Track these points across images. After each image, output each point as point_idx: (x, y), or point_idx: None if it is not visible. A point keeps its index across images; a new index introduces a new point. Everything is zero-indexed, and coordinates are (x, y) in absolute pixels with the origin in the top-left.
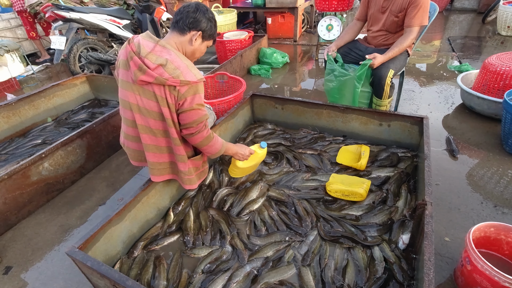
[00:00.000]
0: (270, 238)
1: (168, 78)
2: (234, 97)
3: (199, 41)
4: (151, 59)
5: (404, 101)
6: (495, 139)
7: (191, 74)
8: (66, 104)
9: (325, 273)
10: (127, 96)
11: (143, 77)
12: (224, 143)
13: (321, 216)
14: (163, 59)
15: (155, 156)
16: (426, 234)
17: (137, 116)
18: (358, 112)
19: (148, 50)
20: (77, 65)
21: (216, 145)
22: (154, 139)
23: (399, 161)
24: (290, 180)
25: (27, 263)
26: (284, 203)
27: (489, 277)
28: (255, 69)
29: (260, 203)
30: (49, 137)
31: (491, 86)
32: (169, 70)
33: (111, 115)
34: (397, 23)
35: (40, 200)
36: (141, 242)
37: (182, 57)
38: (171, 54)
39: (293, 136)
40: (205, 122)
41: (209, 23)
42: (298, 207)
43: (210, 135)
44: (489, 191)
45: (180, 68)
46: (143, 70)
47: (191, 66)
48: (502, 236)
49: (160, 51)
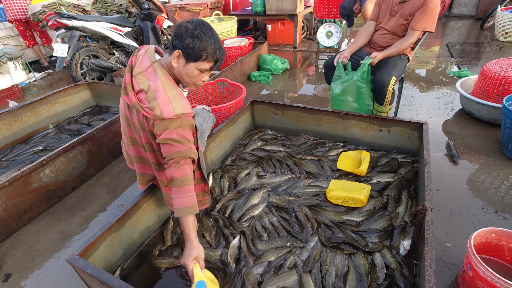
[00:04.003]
0: (271, 244)
1: (145, 107)
2: (235, 103)
3: (182, 61)
4: (139, 81)
5: (403, 107)
6: (495, 144)
7: (168, 109)
8: (67, 111)
9: (326, 280)
10: (122, 106)
11: (125, 98)
12: (187, 211)
13: (322, 222)
14: (147, 84)
15: (142, 167)
16: (427, 240)
17: (128, 129)
18: (358, 118)
19: (142, 69)
20: (78, 72)
21: (177, 199)
22: (141, 152)
23: (399, 166)
24: (291, 186)
25: (27, 271)
26: (284, 209)
27: (491, 283)
28: (255, 75)
29: (261, 209)
30: (51, 143)
31: (490, 92)
32: (149, 98)
33: (112, 122)
34: (405, 26)
35: (41, 207)
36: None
37: (168, 86)
38: (157, 82)
39: (293, 142)
40: (177, 160)
41: (194, 41)
42: (299, 213)
43: (176, 180)
44: (490, 196)
45: (159, 99)
46: (127, 90)
47: (173, 98)
48: (503, 242)
49: (150, 74)
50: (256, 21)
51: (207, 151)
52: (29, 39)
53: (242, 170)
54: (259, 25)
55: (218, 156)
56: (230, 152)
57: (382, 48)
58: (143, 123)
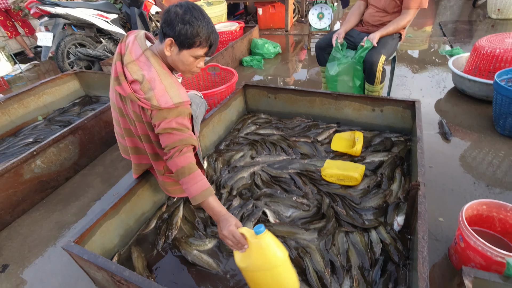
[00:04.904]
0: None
1: (141, 98)
2: (227, 87)
3: (174, 50)
4: (131, 70)
5: (396, 87)
6: (487, 121)
7: (166, 98)
8: (56, 102)
9: (331, 256)
10: (113, 97)
11: (118, 88)
12: (206, 194)
13: (322, 190)
14: (141, 74)
15: (138, 158)
16: (420, 214)
17: (121, 119)
18: (351, 99)
19: (133, 57)
20: (66, 62)
21: (191, 186)
22: (137, 143)
23: (392, 145)
24: (286, 165)
25: (24, 261)
26: (280, 179)
27: (482, 252)
28: (247, 60)
29: (251, 171)
30: (41, 135)
31: (482, 69)
32: (144, 89)
33: (103, 111)
34: (396, 2)
35: (35, 198)
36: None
37: (164, 74)
38: (151, 71)
39: (287, 125)
40: (179, 148)
41: (185, 27)
42: (297, 178)
43: (183, 169)
44: (481, 171)
45: (155, 89)
46: (119, 80)
47: (170, 87)
48: (494, 213)
49: (143, 62)
50: (247, 5)
51: (201, 136)
52: (11, 29)
53: (237, 152)
54: (249, 9)
55: (212, 141)
56: (224, 137)
57: (374, 27)
58: (139, 114)
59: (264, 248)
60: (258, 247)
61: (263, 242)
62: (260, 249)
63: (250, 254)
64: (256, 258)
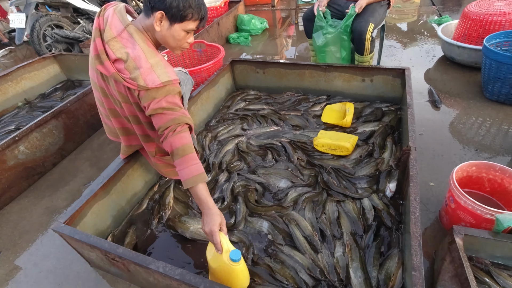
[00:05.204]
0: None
1: (126, 78)
2: (213, 63)
3: (165, 24)
4: (114, 48)
5: (386, 58)
6: (476, 87)
7: (153, 77)
8: (36, 87)
9: (320, 224)
10: (94, 76)
11: (100, 67)
12: (197, 180)
13: (314, 163)
14: (125, 52)
15: (128, 139)
16: (412, 177)
17: (105, 100)
18: (341, 70)
19: (114, 34)
20: (43, 45)
21: (183, 169)
22: (125, 124)
23: (383, 115)
24: (277, 135)
25: (16, 247)
26: (271, 147)
27: (472, 211)
28: (233, 37)
29: (236, 142)
30: (23, 122)
31: (471, 35)
32: (129, 68)
33: (86, 93)
34: None
35: (21, 184)
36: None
37: (150, 53)
38: (135, 49)
39: (277, 100)
40: (172, 128)
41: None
42: (286, 144)
43: (177, 150)
44: (470, 137)
45: (141, 68)
46: (101, 59)
47: (156, 65)
48: (483, 174)
49: (126, 39)
50: None
51: (189, 114)
52: None
53: (227, 127)
54: None
55: (202, 119)
56: (214, 115)
57: None
58: (125, 95)
59: (232, 271)
60: (227, 267)
61: (233, 268)
62: (227, 269)
63: (219, 262)
64: (222, 270)
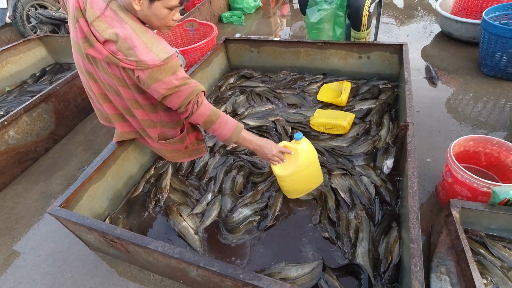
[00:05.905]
0: None
1: (122, 58)
2: (206, 43)
3: (145, 3)
4: (99, 29)
5: (382, 35)
6: (473, 63)
7: (151, 55)
8: (23, 71)
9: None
10: (79, 59)
11: (90, 51)
12: (239, 130)
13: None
14: (113, 32)
15: (122, 125)
16: (409, 152)
17: (93, 85)
18: (337, 47)
19: (97, 13)
20: (27, 27)
21: (223, 129)
22: (117, 110)
23: (380, 92)
24: (274, 111)
25: (12, 232)
26: (263, 128)
27: (469, 185)
28: (226, 16)
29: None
30: (12, 107)
31: (469, 9)
32: (122, 49)
33: (75, 76)
34: None
35: (14, 170)
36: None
37: (140, 30)
38: (125, 28)
39: (272, 79)
40: (194, 100)
41: None
42: (278, 126)
43: (210, 117)
44: (467, 113)
45: (136, 48)
46: (90, 42)
47: (151, 43)
48: (480, 148)
49: (111, 18)
50: None
51: None
52: None
53: (221, 106)
54: None
55: None
56: (208, 95)
57: None
58: (121, 78)
59: (306, 147)
60: (301, 149)
61: (304, 144)
62: (302, 150)
63: (296, 158)
64: (301, 157)
